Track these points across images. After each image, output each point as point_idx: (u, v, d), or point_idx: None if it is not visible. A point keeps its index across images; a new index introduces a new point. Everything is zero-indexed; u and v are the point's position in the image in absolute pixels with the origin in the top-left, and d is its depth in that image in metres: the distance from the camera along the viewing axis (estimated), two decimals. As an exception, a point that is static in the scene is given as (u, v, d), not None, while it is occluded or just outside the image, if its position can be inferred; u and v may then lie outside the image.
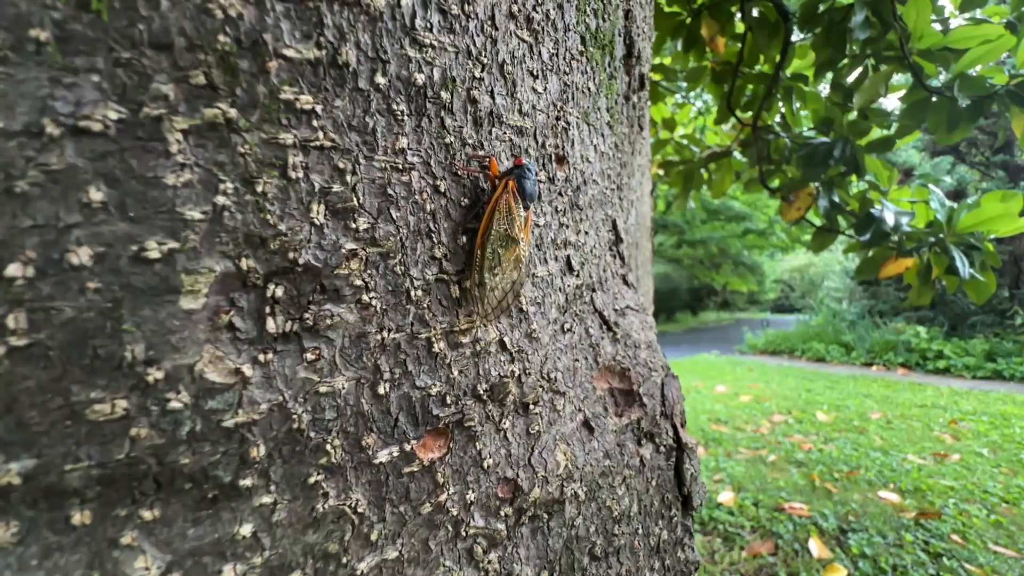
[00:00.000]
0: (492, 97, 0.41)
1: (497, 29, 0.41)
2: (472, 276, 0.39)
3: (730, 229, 12.62)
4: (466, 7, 0.38)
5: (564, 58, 0.52)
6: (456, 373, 0.38)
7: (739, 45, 2.03)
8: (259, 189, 0.30)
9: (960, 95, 1.54)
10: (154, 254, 0.27)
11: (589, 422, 0.48)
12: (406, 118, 0.35)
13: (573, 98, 0.55)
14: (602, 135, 0.65)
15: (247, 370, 0.30)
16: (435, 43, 0.36)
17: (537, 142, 0.47)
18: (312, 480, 0.32)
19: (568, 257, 0.51)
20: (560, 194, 0.51)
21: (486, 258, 0.39)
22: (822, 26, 1.75)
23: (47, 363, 0.25)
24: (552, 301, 0.48)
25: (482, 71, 0.40)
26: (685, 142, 2.88)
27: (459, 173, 0.39)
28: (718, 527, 2.24)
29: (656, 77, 2.45)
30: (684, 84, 2.50)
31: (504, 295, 0.40)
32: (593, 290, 0.55)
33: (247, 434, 0.30)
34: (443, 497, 0.37)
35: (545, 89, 0.48)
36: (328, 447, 0.32)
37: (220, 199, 0.29)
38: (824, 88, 2.06)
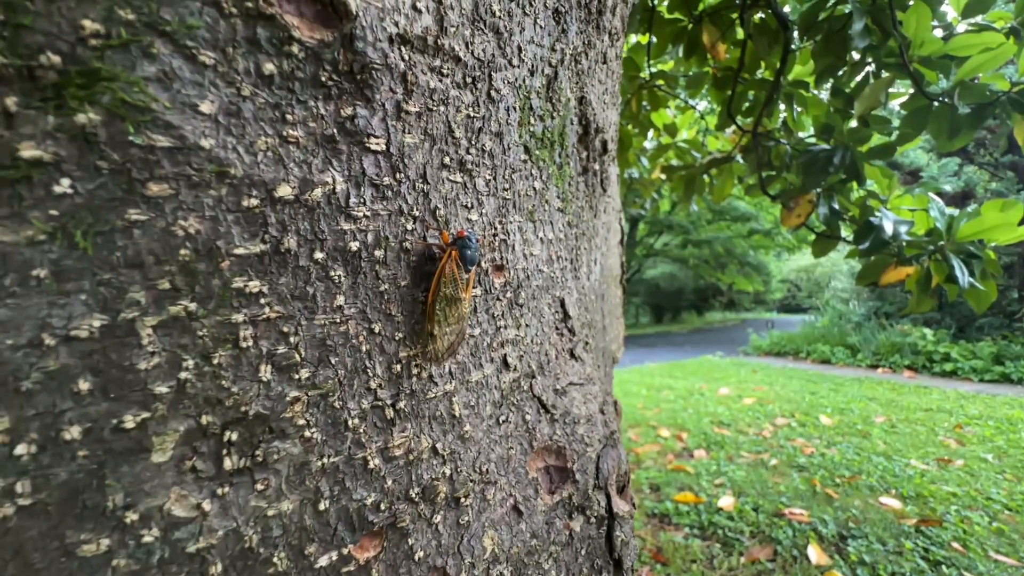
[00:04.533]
0: (424, 240, 0.48)
1: (429, 183, 0.48)
2: (425, 328, 0.48)
3: (736, 229, 12.59)
4: (397, 175, 0.45)
5: (503, 177, 0.59)
6: (390, 483, 0.46)
7: (740, 51, 2.05)
8: (215, 361, 0.37)
9: (960, 103, 1.57)
10: (130, 424, 0.35)
11: (518, 506, 0.55)
12: (343, 279, 0.42)
13: (515, 206, 0.62)
14: (551, 223, 0.72)
15: (207, 504, 0.37)
16: (368, 213, 0.43)
17: (472, 263, 0.53)
18: (262, 587, 0.39)
19: (504, 356, 0.58)
20: (498, 299, 0.58)
21: (436, 315, 0.48)
22: (822, 33, 1.77)
23: (46, 516, 0.33)
24: (487, 400, 0.55)
25: (414, 223, 0.47)
26: (686, 147, 2.92)
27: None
28: (717, 532, 2.29)
29: (657, 83, 2.49)
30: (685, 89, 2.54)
31: (451, 344, 0.50)
32: (532, 377, 0.62)
33: (207, 556, 0.37)
34: (377, 589, 0.44)
35: (481, 215, 0.55)
36: (275, 559, 0.40)
37: (183, 374, 0.36)
38: (825, 93, 2.07)
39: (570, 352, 0.73)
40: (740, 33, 2.08)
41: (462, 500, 0.51)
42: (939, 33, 1.72)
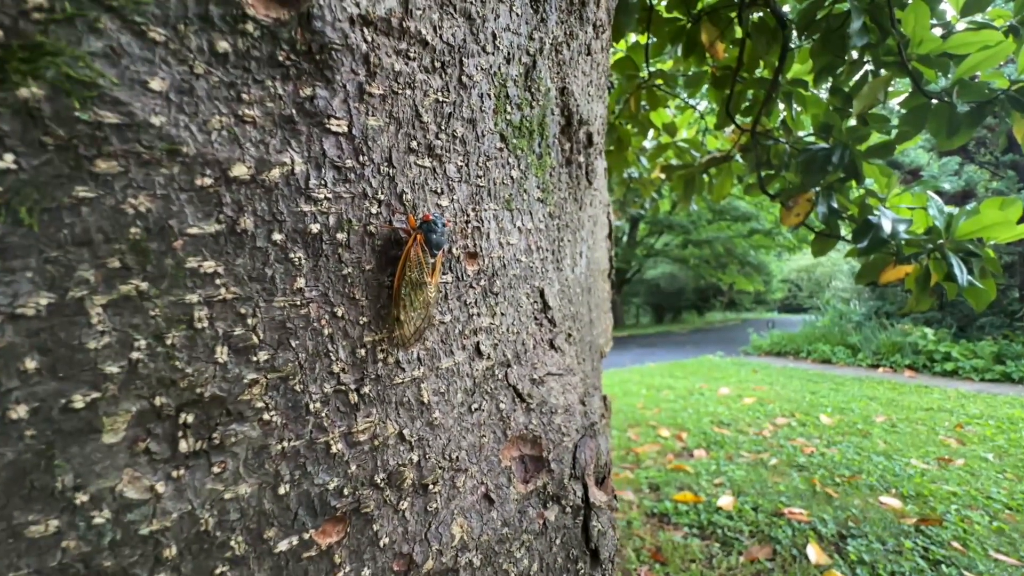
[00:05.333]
0: (391, 224, 0.48)
1: (395, 167, 0.48)
2: (391, 313, 0.48)
3: (736, 229, 12.58)
4: (361, 157, 0.45)
5: (476, 164, 0.58)
6: (354, 468, 0.45)
7: (738, 50, 2.04)
8: (168, 342, 0.37)
9: (959, 101, 1.56)
10: (79, 404, 0.34)
11: (490, 494, 0.54)
12: (303, 262, 0.42)
13: (490, 194, 0.61)
14: (530, 213, 0.71)
15: (160, 487, 0.37)
16: (330, 195, 0.43)
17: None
18: (218, 571, 0.39)
19: (477, 343, 0.57)
20: (471, 287, 0.58)
21: (401, 299, 0.47)
22: (820, 32, 1.76)
23: (-6, 496, 0.33)
24: (458, 387, 0.55)
25: (379, 207, 0.47)
26: (686, 146, 2.91)
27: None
28: (716, 531, 2.28)
29: (656, 82, 2.48)
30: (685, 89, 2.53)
31: (417, 329, 0.49)
32: (508, 366, 0.62)
33: (160, 538, 0.37)
34: (340, 575, 0.44)
35: (452, 200, 0.54)
36: (232, 543, 0.39)
37: (135, 354, 0.36)
38: (824, 92, 2.06)
39: (549, 343, 0.72)
40: (739, 32, 2.07)
41: (430, 487, 0.50)
42: (938, 31, 1.70)
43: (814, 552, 2.04)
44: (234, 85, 0.38)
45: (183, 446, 0.38)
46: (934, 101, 1.63)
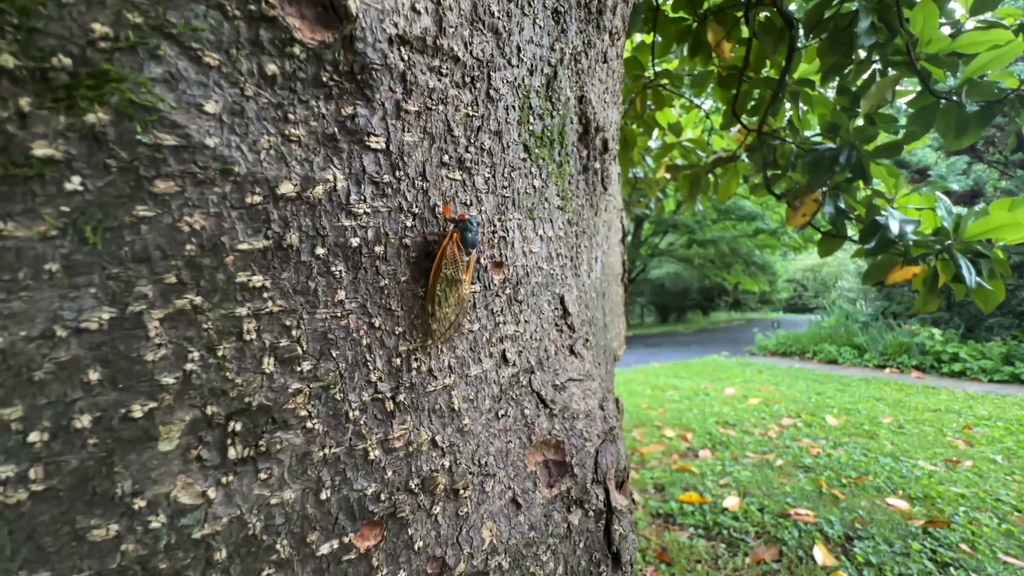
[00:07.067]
0: (424, 237, 0.49)
1: (428, 181, 0.49)
2: (426, 309, 0.49)
3: (741, 228, 12.56)
4: (397, 172, 0.46)
5: (502, 175, 0.59)
6: (390, 474, 0.47)
7: (745, 50, 2.04)
8: (220, 353, 0.38)
9: (968, 101, 1.56)
10: (138, 413, 0.36)
11: (517, 499, 0.56)
12: (344, 275, 0.44)
13: (514, 204, 0.63)
14: (550, 220, 0.73)
15: (211, 492, 0.38)
16: (368, 210, 0.44)
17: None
18: (265, 573, 0.40)
19: (503, 351, 0.59)
20: (497, 295, 0.59)
21: (436, 295, 0.49)
22: (827, 31, 1.76)
23: (58, 501, 0.34)
24: (486, 394, 0.56)
25: (414, 220, 0.48)
26: (691, 146, 2.91)
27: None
28: (722, 532, 2.29)
29: (662, 82, 2.49)
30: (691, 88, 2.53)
31: (451, 324, 0.51)
32: (531, 372, 0.63)
33: (212, 542, 0.38)
34: (377, 577, 0.45)
35: (480, 212, 0.56)
36: (278, 546, 0.41)
37: (189, 365, 0.37)
38: (831, 91, 2.06)
39: (569, 348, 0.73)
40: (745, 32, 2.07)
41: (461, 492, 0.52)
42: (947, 30, 1.70)
43: (821, 553, 2.04)
44: (281, 106, 0.39)
45: (232, 453, 0.39)
46: (943, 101, 1.63)
